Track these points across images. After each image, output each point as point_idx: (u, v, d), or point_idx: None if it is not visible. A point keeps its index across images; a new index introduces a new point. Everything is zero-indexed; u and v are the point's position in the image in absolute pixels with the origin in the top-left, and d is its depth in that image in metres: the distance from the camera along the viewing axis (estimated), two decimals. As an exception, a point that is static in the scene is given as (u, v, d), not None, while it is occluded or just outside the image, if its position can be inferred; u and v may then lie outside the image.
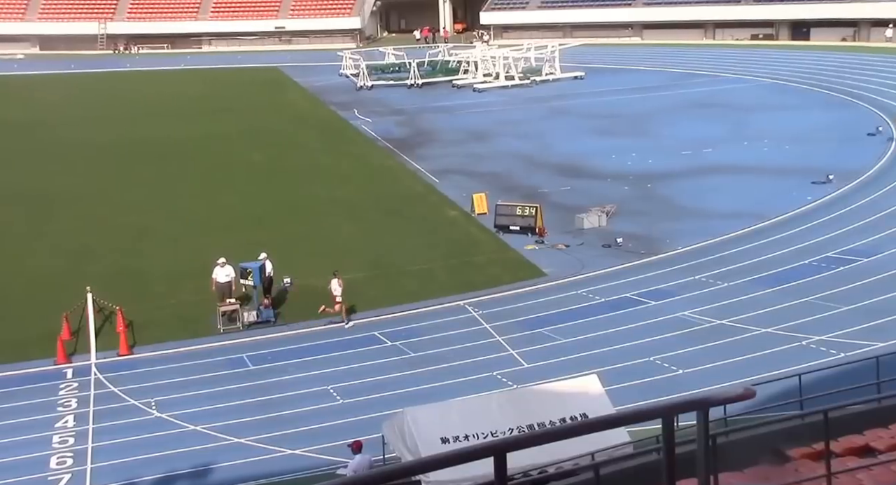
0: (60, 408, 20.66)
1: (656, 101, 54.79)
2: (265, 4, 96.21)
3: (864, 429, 10.71)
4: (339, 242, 31.85)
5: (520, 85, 62.83)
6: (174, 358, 23.27)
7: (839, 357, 20.41)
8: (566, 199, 35.42)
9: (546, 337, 23.27)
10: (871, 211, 32.02)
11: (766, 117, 48.64)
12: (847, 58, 66.28)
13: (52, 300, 26.00)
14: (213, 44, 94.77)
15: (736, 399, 4.11)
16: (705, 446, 4.11)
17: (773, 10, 79.71)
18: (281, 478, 17.35)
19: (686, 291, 25.84)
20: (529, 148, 44.75)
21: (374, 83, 65.71)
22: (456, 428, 14.16)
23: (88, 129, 52.99)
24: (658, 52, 76.09)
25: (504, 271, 28.57)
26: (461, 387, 20.06)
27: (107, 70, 79.00)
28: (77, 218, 35.83)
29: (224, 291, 25.70)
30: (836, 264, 27.08)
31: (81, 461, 18.28)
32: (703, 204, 34.32)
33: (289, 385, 21.33)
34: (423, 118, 53.96)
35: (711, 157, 41.07)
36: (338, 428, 18.72)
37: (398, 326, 24.68)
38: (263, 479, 17.27)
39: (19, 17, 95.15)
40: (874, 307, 23.46)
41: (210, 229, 33.67)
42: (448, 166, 41.61)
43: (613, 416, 4.62)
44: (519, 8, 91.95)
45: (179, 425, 19.53)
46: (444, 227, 33.56)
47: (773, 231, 30.68)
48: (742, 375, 19.30)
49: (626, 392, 18.34)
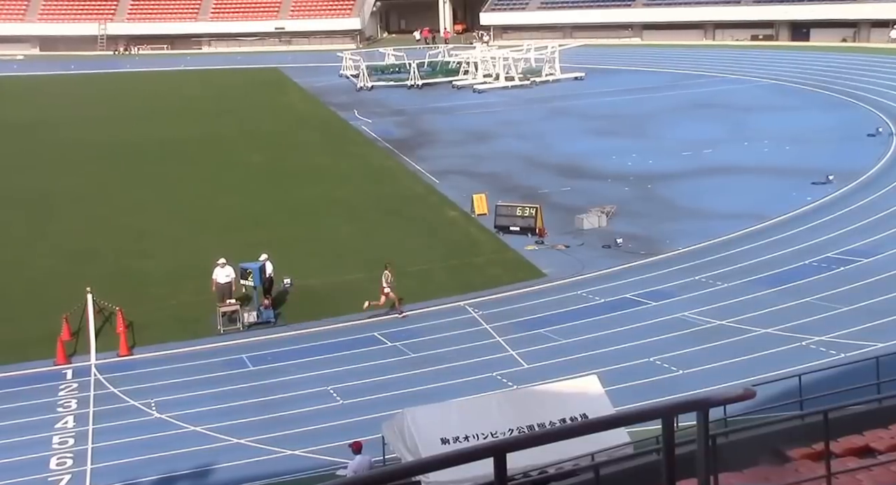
0: (60, 409, 20.65)
1: (656, 102, 54.80)
2: (265, 5, 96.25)
3: (864, 429, 10.72)
4: (339, 243, 31.87)
5: (520, 86, 62.85)
6: (174, 359, 23.26)
7: (839, 358, 20.41)
8: (566, 199, 35.43)
9: (546, 338, 23.27)
10: (871, 211, 32.02)
11: (766, 118, 48.65)
12: (847, 58, 66.30)
13: (52, 301, 26.01)
14: (213, 45, 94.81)
15: (736, 400, 4.11)
16: (705, 447, 4.11)
17: (772, 10, 79.77)
18: (281, 479, 17.33)
19: (686, 292, 25.84)
20: (529, 149, 44.76)
21: (374, 84, 65.75)
22: (456, 429, 14.17)
23: (88, 129, 53.01)
24: (658, 52, 76.13)
25: (504, 272, 28.57)
26: (461, 387, 20.06)
27: (107, 71, 79.04)
28: (77, 219, 35.82)
29: (224, 292, 25.71)
30: (837, 265, 27.08)
31: (81, 462, 18.27)
32: (703, 205, 34.32)
33: (289, 386, 21.32)
34: (423, 119, 53.97)
35: (711, 157, 41.08)
36: (338, 429, 18.72)
37: (398, 326, 24.69)
38: (263, 480, 17.25)
39: (19, 17, 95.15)
40: (874, 308, 23.46)
41: (210, 230, 33.68)
42: (448, 167, 41.62)
43: (613, 416, 4.62)
44: (519, 9, 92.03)
45: (179, 425, 19.52)
46: (444, 227, 33.56)
47: (773, 232, 30.69)
48: (742, 375, 19.30)
49: (626, 393, 18.34)
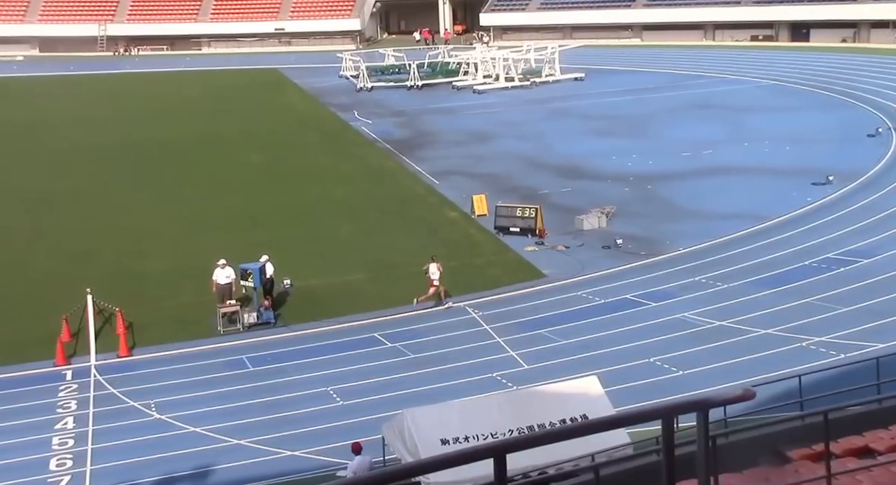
0: (60, 410, 20.65)
1: (656, 103, 54.80)
2: (265, 6, 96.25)
3: (864, 430, 10.71)
4: (339, 243, 31.87)
5: (520, 86, 62.85)
6: (174, 360, 23.27)
7: (839, 358, 20.40)
8: (566, 200, 35.43)
9: (546, 338, 23.27)
10: (871, 212, 32.02)
11: (766, 118, 48.65)
12: (847, 59, 66.29)
13: (52, 302, 26.01)
14: (212, 45, 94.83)
15: (736, 400, 4.11)
16: (705, 448, 4.10)
17: (772, 11, 79.77)
18: (281, 480, 17.33)
19: (686, 293, 25.84)
20: (529, 149, 44.77)
21: (374, 85, 65.74)
22: (456, 429, 14.17)
23: (88, 130, 53.01)
24: (658, 53, 76.13)
25: (504, 273, 28.57)
26: (461, 388, 20.06)
27: (107, 72, 79.04)
28: (77, 219, 35.84)
29: (224, 293, 25.71)
30: (837, 265, 27.08)
31: (81, 463, 18.27)
32: (704, 205, 34.33)
33: (289, 387, 21.32)
34: (423, 119, 53.97)
35: (712, 158, 41.08)
36: (338, 429, 18.72)
37: (398, 327, 24.68)
38: (264, 480, 17.25)
39: (19, 18, 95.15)
40: (874, 308, 23.46)
41: (210, 230, 33.69)
42: (448, 168, 41.62)
43: (613, 417, 4.63)
44: (519, 9, 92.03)
45: (179, 426, 19.52)
46: (444, 228, 33.56)
47: (773, 232, 30.68)
48: (742, 376, 19.30)
49: (626, 393, 18.34)
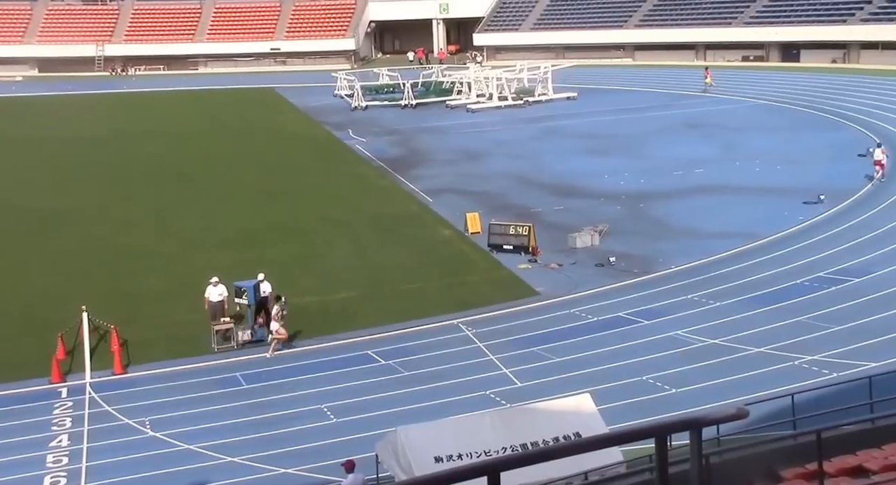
0: (55, 427, 20.61)
1: (648, 122, 55.00)
2: (261, 26, 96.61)
3: (857, 449, 10.74)
4: (333, 261, 31.89)
5: (513, 105, 63.04)
6: (169, 377, 23.24)
7: (832, 377, 20.41)
8: (559, 218, 35.53)
9: (539, 356, 23.29)
10: (863, 231, 32.14)
11: (757, 138, 48.84)
12: (837, 79, 66.64)
13: (47, 320, 25.96)
14: (209, 65, 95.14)
15: (729, 419, 4.15)
16: (698, 466, 4.14)
17: (763, 32, 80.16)
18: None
19: (678, 311, 25.91)
20: (522, 168, 44.89)
21: (369, 104, 65.93)
22: (449, 447, 14.18)
23: (84, 149, 53.10)
24: (650, 73, 76.48)
25: (497, 290, 28.61)
26: (454, 406, 20.05)
27: (104, 91, 79.14)
28: (73, 237, 35.80)
29: (217, 310, 25.74)
30: (828, 284, 27.16)
31: (75, 480, 18.22)
32: (695, 224, 34.44)
33: (283, 404, 21.31)
34: (417, 138, 54.10)
35: (703, 177, 41.23)
36: (331, 447, 18.71)
37: (392, 344, 24.69)
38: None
39: (18, 39, 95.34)
40: (866, 327, 23.51)
41: (204, 249, 33.69)
42: (442, 186, 41.72)
43: (606, 435, 4.66)
44: (512, 30, 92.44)
45: (173, 444, 19.49)
46: (437, 246, 33.62)
47: (764, 251, 30.79)
48: (735, 394, 19.34)
49: (619, 411, 18.36)
